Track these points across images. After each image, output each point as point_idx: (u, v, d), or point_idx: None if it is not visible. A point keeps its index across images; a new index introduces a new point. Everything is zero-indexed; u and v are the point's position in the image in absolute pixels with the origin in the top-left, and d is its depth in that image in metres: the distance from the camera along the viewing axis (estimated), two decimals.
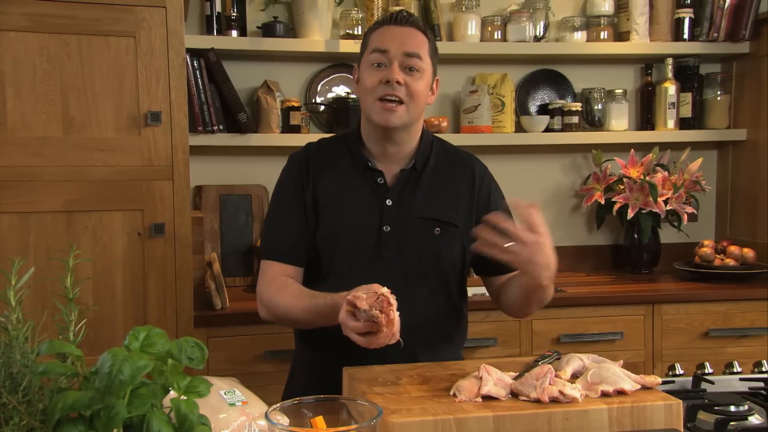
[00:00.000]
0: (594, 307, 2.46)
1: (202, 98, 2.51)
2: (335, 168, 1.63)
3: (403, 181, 1.61)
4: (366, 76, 1.57)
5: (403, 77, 1.53)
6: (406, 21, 1.58)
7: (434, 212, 1.61)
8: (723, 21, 2.84)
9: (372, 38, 1.59)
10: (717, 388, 1.44)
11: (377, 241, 1.58)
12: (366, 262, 1.58)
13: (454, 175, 1.66)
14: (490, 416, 1.16)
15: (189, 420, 0.77)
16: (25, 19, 1.99)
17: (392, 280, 1.51)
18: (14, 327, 0.77)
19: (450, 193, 1.64)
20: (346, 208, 1.59)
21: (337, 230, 1.59)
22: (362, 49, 1.62)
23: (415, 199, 1.60)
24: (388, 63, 1.54)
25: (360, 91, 1.60)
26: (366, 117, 1.60)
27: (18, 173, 2.01)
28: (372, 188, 1.60)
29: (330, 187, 1.61)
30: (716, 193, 3.09)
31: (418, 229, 1.59)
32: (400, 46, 1.54)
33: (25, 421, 0.71)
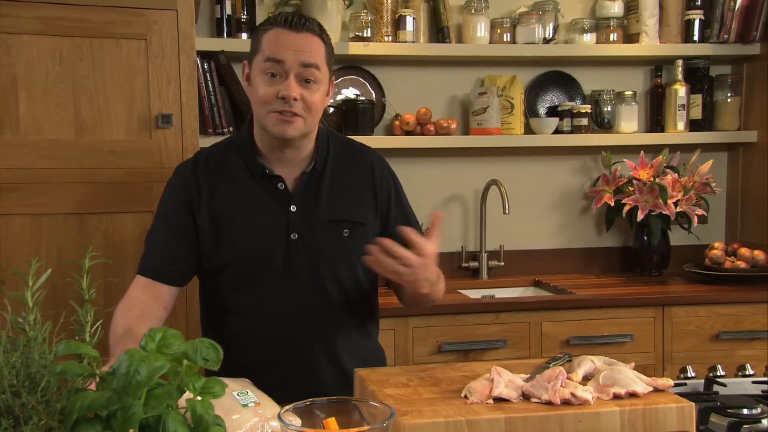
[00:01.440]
0: (604, 309, 2.46)
1: (212, 100, 2.52)
2: (231, 179, 1.54)
3: (304, 184, 1.55)
4: (259, 85, 1.48)
5: (300, 91, 1.46)
6: (302, 26, 1.47)
7: (341, 213, 1.56)
8: (733, 22, 2.83)
9: (265, 42, 1.48)
10: (729, 390, 1.43)
11: (286, 250, 1.52)
12: (278, 272, 1.53)
13: (354, 171, 1.61)
14: (501, 418, 1.16)
15: (205, 421, 0.78)
16: (38, 22, 2.00)
17: (305, 287, 1.54)
18: (32, 328, 0.78)
19: (353, 191, 1.59)
20: (250, 220, 1.52)
21: (244, 244, 1.51)
22: (253, 49, 1.52)
23: (319, 202, 1.55)
24: (283, 74, 1.46)
25: (253, 97, 1.52)
26: (259, 125, 1.53)
27: (30, 175, 2.02)
28: (273, 195, 1.53)
29: (228, 201, 1.52)
30: (726, 195, 3.08)
31: (327, 233, 1.54)
32: (296, 56, 1.45)
33: (43, 421, 0.72)
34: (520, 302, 2.50)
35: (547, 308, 2.44)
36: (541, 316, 2.41)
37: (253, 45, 1.53)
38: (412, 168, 2.82)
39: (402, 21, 2.68)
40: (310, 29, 1.48)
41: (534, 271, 2.90)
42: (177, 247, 1.53)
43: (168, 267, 1.52)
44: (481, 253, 2.85)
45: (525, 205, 2.94)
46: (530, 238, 2.95)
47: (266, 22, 1.52)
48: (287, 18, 1.48)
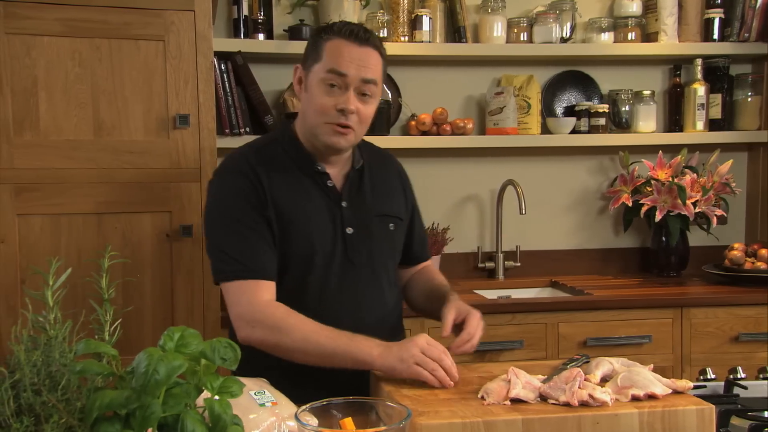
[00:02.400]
0: (621, 310, 2.44)
1: (229, 101, 2.54)
2: (285, 175, 1.55)
3: (350, 182, 1.60)
4: (318, 94, 1.50)
5: (357, 105, 1.50)
6: (366, 40, 1.50)
7: (385, 209, 1.64)
8: (754, 21, 2.79)
9: (328, 52, 1.50)
10: (750, 393, 1.41)
11: (344, 244, 1.56)
12: (338, 266, 1.55)
13: (386, 171, 1.70)
14: (519, 419, 1.15)
15: (222, 420, 0.78)
16: (58, 24, 2.02)
17: (363, 282, 1.58)
18: (52, 326, 0.78)
19: (389, 189, 1.68)
20: (310, 216, 1.54)
21: (311, 243, 1.53)
22: (313, 56, 1.52)
23: (365, 198, 1.61)
24: (343, 87, 1.49)
25: (308, 104, 1.53)
26: (310, 131, 1.55)
27: (49, 175, 2.05)
28: (324, 192, 1.57)
29: (289, 199, 1.53)
30: (746, 196, 3.04)
31: (376, 227, 1.61)
32: (358, 71, 1.48)
33: (64, 419, 0.73)
34: (536, 303, 2.49)
35: (564, 309, 2.42)
36: (558, 317, 2.40)
37: (312, 51, 1.54)
38: (429, 168, 2.81)
39: (418, 21, 2.68)
40: (372, 43, 1.52)
41: (551, 271, 2.89)
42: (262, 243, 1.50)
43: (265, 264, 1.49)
44: (498, 254, 2.84)
45: (542, 206, 2.92)
46: (547, 239, 2.93)
47: (329, 30, 1.53)
48: (352, 30, 1.50)
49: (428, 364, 1.32)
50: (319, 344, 1.40)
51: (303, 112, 1.57)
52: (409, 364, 1.32)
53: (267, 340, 1.44)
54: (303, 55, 1.58)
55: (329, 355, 1.40)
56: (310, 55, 1.54)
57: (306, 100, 1.55)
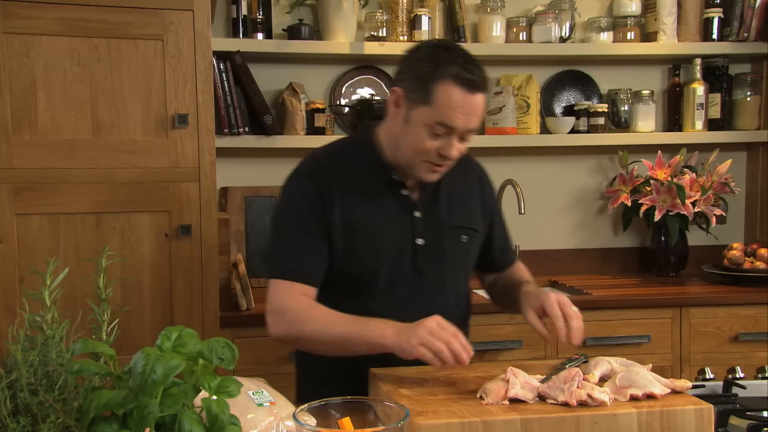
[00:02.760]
0: (620, 310, 2.44)
1: (228, 100, 2.53)
2: (357, 181, 1.55)
3: (425, 192, 1.58)
4: (421, 136, 1.46)
5: (458, 146, 1.49)
6: (479, 87, 1.45)
7: (459, 220, 1.61)
8: (753, 20, 2.79)
9: (439, 99, 1.43)
10: (749, 392, 1.41)
11: (413, 255, 1.56)
12: (406, 277, 1.55)
13: (465, 179, 1.67)
14: (517, 419, 1.15)
15: (220, 420, 0.78)
16: (57, 23, 2.02)
17: (430, 292, 1.57)
18: (49, 326, 0.78)
19: (466, 198, 1.65)
20: (379, 226, 1.54)
21: (377, 252, 1.53)
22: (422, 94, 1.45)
23: (440, 208, 1.59)
24: (448, 135, 1.47)
25: (405, 137, 1.49)
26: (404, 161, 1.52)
27: (48, 175, 2.04)
28: (398, 201, 1.56)
29: (358, 206, 1.53)
30: (746, 195, 3.04)
31: (448, 239, 1.59)
32: (466, 123, 1.45)
33: (61, 419, 0.72)
34: None
35: None
36: None
37: (419, 87, 1.45)
38: None
39: (417, 20, 2.68)
40: (484, 88, 1.47)
41: (550, 271, 2.88)
42: (315, 250, 1.52)
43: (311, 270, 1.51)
44: None
45: (541, 205, 2.92)
46: (546, 238, 2.93)
47: (443, 69, 1.44)
48: (468, 78, 1.43)
49: (434, 344, 1.31)
50: (335, 333, 1.42)
51: (396, 137, 1.52)
52: (414, 345, 1.31)
53: (289, 333, 1.48)
54: (403, 76, 1.51)
55: (345, 342, 1.42)
56: (416, 90, 1.46)
57: (404, 133, 1.49)
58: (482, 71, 1.47)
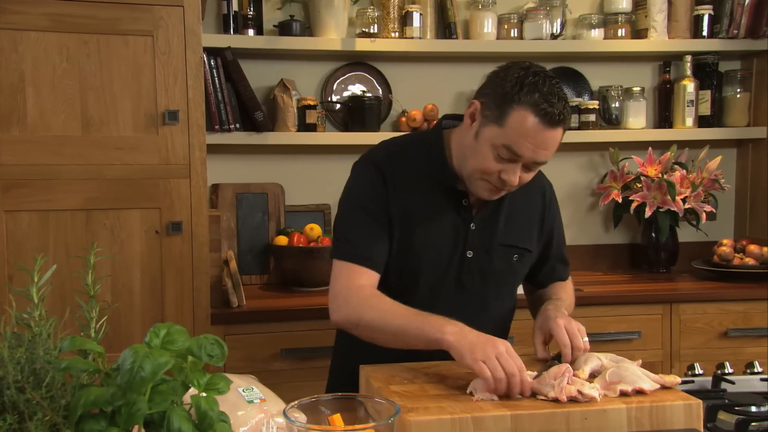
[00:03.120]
0: (611, 306, 2.45)
1: (218, 97, 2.53)
2: (419, 181, 1.53)
3: (486, 204, 1.55)
4: (486, 155, 1.42)
5: (522, 175, 1.44)
6: (558, 122, 1.39)
7: (513, 239, 1.58)
8: (743, 17, 2.81)
9: (512, 123, 1.38)
10: (737, 388, 1.42)
11: (460, 266, 1.54)
12: (448, 287, 1.54)
13: (529, 197, 1.61)
14: (507, 415, 1.16)
15: (209, 417, 0.78)
16: (45, 18, 2.01)
17: (470, 304, 1.55)
18: (37, 323, 0.78)
19: (526, 217, 1.61)
20: (432, 228, 1.52)
21: (423, 252, 1.51)
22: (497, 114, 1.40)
23: (497, 224, 1.56)
24: (513, 162, 1.42)
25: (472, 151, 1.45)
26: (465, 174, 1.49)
27: (37, 172, 2.03)
28: (456, 209, 1.53)
29: (415, 204, 1.51)
30: (735, 192, 3.06)
31: (499, 256, 1.56)
32: (534, 155, 1.40)
33: (48, 417, 0.72)
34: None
35: None
36: None
37: (497, 107, 1.41)
38: None
39: (409, 17, 2.67)
40: (561, 124, 1.40)
41: None
42: (380, 236, 1.50)
43: (375, 255, 1.49)
44: None
45: None
46: None
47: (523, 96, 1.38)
48: (548, 113, 1.37)
49: (497, 371, 1.23)
50: (393, 323, 1.40)
51: (464, 150, 1.49)
52: (476, 358, 1.25)
53: (349, 319, 1.47)
54: (485, 90, 1.46)
55: (402, 333, 1.39)
56: (493, 107, 1.41)
57: (472, 147, 1.46)
58: (564, 105, 1.40)
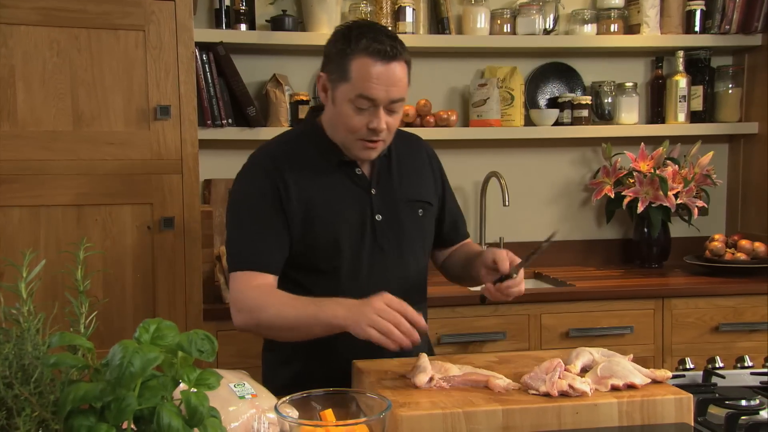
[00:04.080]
0: (603, 301, 2.46)
1: (211, 92, 2.52)
2: (310, 169, 1.57)
3: (378, 168, 1.61)
4: (347, 114, 1.50)
5: (386, 119, 1.50)
6: (393, 56, 1.47)
7: (414, 194, 1.65)
8: (735, 13, 2.81)
9: (355, 74, 1.47)
10: (728, 382, 1.43)
11: (373, 231, 1.59)
12: (368, 255, 1.58)
13: (413, 156, 1.70)
14: (499, 410, 1.16)
15: (199, 412, 0.78)
16: (36, 13, 1.99)
17: (392, 265, 1.60)
18: (26, 319, 0.77)
19: (417, 173, 1.69)
20: (337, 206, 1.57)
21: (336, 231, 1.56)
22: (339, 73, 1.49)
23: (394, 184, 1.63)
24: (373, 108, 1.49)
25: (336, 118, 1.53)
26: (340, 143, 1.56)
27: (28, 167, 2.02)
28: (353, 181, 1.59)
29: (315, 190, 1.56)
30: (727, 187, 3.07)
31: (405, 213, 1.63)
32: (387, 93, 1.47)
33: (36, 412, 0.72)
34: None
35: (546, 300, 2.43)
36: (541, 308, 2.41)
37: (336, 67, 1.50)
38: None
39: (401, 12, 2.67)
40: (398, 56, 1.48)
41: (534, 263, 2.85)
42: (272, 238, 1.54)
43: (267, 257, 1.53)
44: (481, 245, 2.85)
45: (525, 197, 2.93)
46: (530, 230, 2.94)
47: (353, 45, 1.47)
48: (378, 49, 1.45)
49: (382, 326, 1.31)
50: (290, 317, 1.44)
51: (330, 120, 1.57)
52: (364, 328, 1.32)
53: (249, 323, 1.50)
54: (324, 61, 1.55)
55: (300, 325, 1.44)
56: (335, 69, 1.50)
57: (334, 114, 1.54)
58: (395, 41, 1.48)
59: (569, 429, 1.17)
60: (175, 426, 0.76)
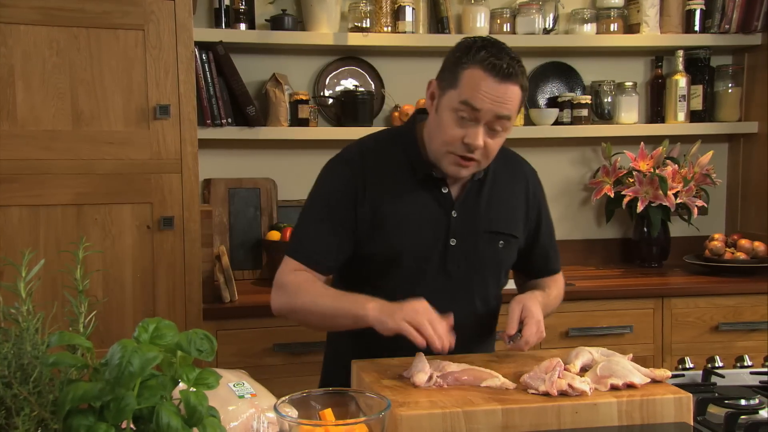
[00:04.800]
0: (603, 300, 2.45)
1: (210, 91, 2.52)
2: (394, 175, 1.53)
3: (467, 192, 1.55)
4: (447, 122, 1.44)
5: (486, 139, 1.44)
6: (509, 76, 1.41)
7: (498, 225, 1.57)
8: (735, 12, 2.81)
9: (465, 82, 1.41)
10: (727, 381, 1.43)
11: (444, 255, 1.53)
12: (433, 274, 1.53)
13: (512, 183, 1.62)
14: (498, 409, 1.16)
15: (198, 411, 0.78)
16: (35, 12, 1.99)
17: (456, 292, 1.55)
18: (25, 318, 0.77)
19: (510, 203, 1.61)
20: (412, 217, 1.52)
21: (401, 245, 1.51)
22: (450, 80, 1.44)
23: (479, 210, 1.55)
24: (474, 121, 1.42)
25: (436, 127, 1.48)
26: (433, 154, 1.50)
27: (28, 166, 2.02)
28: (436, 199, 1.53)
29: (391, 199, 1.51)
30: (727, 187, 3.07)
31: (484, 243, 1.56)
32: (493, 107, 1.40)
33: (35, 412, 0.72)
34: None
35: None
36: None
37: (449, 74, 1.46)
38: None
39: (401, 11, 2.67)
40: (514, 79, 1.42)
41: None
42: (334, 238, 1.52)
43: (322, 257, 1.52)
44: None
45: None
46: None
47: (470, 56, 1.43)
48: (495, 64, 1.40)
49: (417, 320, 1.31)
50: (324, 305, 1.46)
51: (430, 128, 1.52)
52: (397, 319, 1.32)
53: (286, 305, 1.52)
54: (441, 69, 1.50)
55: (331, 315, 1.46)
56: (447, 77, 1.46)
57: (435, 122, 1.49)
58: (513, 60, 1.43)
59: (568, 428, 1.17)
60: (174, 425, 0.76)
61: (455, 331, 1.39)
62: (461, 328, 1.46)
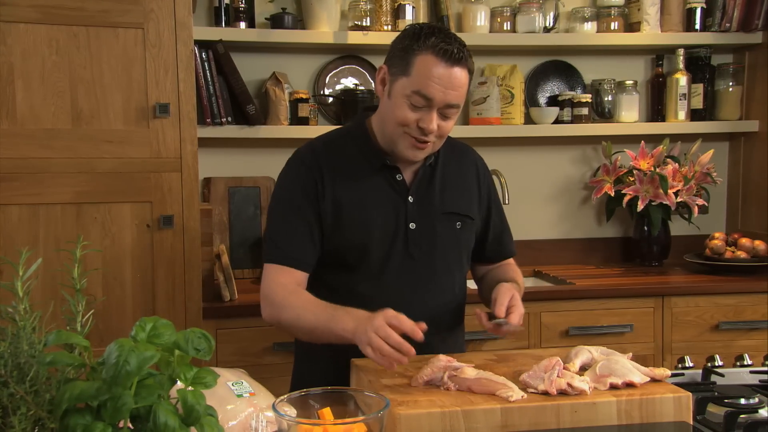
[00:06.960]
0: (603, 299, 2.45)
1: (210, 90, 2.51)
2: (350, 169, 1.57)
3: (420, 177, 1.59)
4: (400, 107, 1.48)
5: (439, 123, 1.48)
6: (458, 60, 1.45)
7: (454, 206, 1.62)
8: (735, 11, 2.81)
9: (417, 70, 1.45)
10: (727, 380, 1.43)
11: (405, 239, 1.57)
12: (397, 260, 1.56)
13: (462, 168, 1.67)
14: (497, 408, 1.16)
15: (196, 411, 0.77)
16: (35, 10, 1.99)
17: (422, 277, 1.58)
18: (22, 317, 0.77)
19: (462, 186, 1.66)
20: (370, 210, 1.56)
21: (366, 234, 1.55)
22: (401, 66, 1.48)
23: (434, 194, 1.60)
24: (428, 108, 1.47)
25: (389, 112, 1.51)
26: (387, 137, 1.54)
27: (27, 165, 2.02)
28: (391, 185, 1.57)
29: (349, 191, 1.55)
30: (727, 185, 3.06)
31: (442, 225, 1.60)
32: (444, 96, 1.45)
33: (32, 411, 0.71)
34: None
35: (546, 299, 2.43)
36: (541, 306, 2.41)
37: (400, 59, 1.49)
38: None
39: (401, 10, 2.66)
40: (463, 63, 1.46)
41: (534, 261, 2.90)
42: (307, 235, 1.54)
43: (300, 254, 1.54)
44: None
45: (525, 196, 2.93)
46: (530, 229, 2.94)
47: (422, 41, 1.46)
48: (446, 50, 1.44)
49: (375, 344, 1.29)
50: (306, 320, 1.46)
51: (382, 115, 1.55)
52: (363, 346, 1.32)
53: (272, 317, 1.53)
54: (389, 54, 1.53)
55: (313, 330, 1.46)
56: (398, 62, 1.49)
57: (388, 107, 1.52)
58: (463, 47, 1.47)
59: (568, 428, 1.16)
60: (171, 425, 0.76)
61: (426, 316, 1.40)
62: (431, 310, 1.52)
